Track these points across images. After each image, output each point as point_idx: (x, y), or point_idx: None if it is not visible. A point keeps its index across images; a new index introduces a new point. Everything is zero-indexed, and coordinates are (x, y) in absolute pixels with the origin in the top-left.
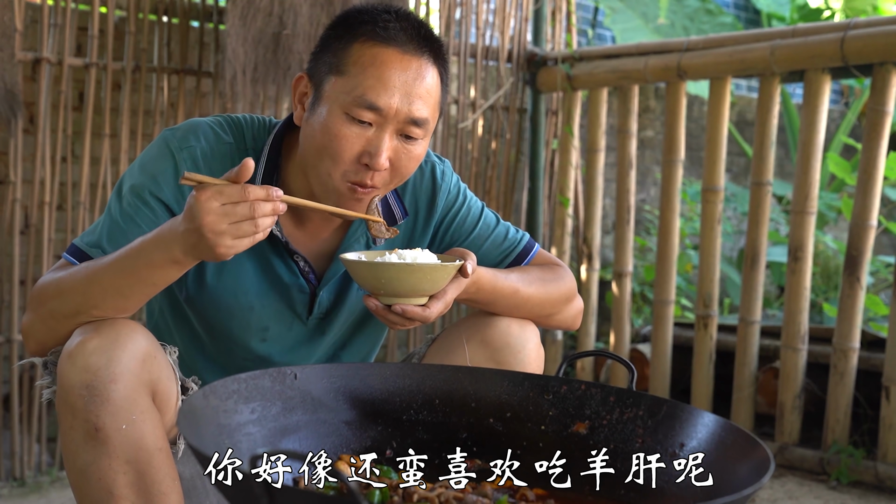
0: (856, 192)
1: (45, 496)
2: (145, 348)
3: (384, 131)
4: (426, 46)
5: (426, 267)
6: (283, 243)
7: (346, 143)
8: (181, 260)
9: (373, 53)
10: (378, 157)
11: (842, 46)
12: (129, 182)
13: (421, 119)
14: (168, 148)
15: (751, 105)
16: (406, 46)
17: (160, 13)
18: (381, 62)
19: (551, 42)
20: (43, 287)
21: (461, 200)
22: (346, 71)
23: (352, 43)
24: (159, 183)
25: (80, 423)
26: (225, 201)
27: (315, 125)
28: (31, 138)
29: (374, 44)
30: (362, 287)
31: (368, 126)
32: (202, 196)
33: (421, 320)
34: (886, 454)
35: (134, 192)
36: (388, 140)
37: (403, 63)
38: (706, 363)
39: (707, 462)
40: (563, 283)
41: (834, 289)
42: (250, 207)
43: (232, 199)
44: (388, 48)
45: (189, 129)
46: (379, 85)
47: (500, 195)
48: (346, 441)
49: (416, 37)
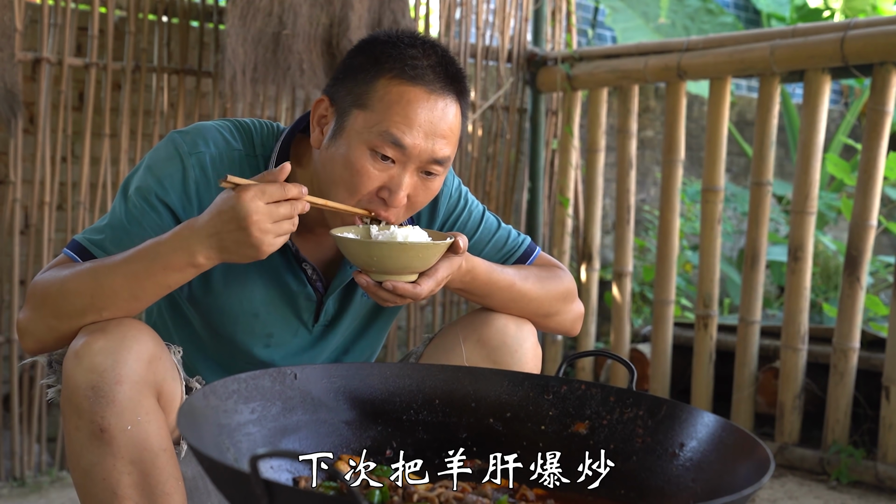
0: (856, 192)
1: (45, 496)
2: (151, 349)
3: (406, 169)
4: (451, 85)
5: (417, 245)
6: (292, 251)
7: (367, 179)
8: (203, 263)
9: (399, 91)
10: (397, 194)
11: (842, 46)
12: (136, 183)
13: (443, 158)
14: (177, 152)
15: (751, 105)
16: (432, 86)
17: (160, 13)
18: (407, 101)
19: (551, 42)
20: (45, 285)
21: (462, 204)
22: (371, 106)
23: (378, 78)
24: (166, 187)
25: (85, 423)
26: (268, 200)
27: (336, 156)
28: (31, 138)
29: (401, 82)
30: (354, 264)
31: (391, 163)
32: (246, 196)
33: (412, 297)
34: (886, 454)
35: (140, 194)
36: (408, 178)
37: (430, 103)
38: (706, 363)
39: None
40: (561, 282)
41: (834, 289)
42: (291, 206)
43: (274, 198)
44: (415, 87)
45: (198, 133)
46: (404, 123)
47: (500, 195)
48: (346, 441)
49: (443, 75)
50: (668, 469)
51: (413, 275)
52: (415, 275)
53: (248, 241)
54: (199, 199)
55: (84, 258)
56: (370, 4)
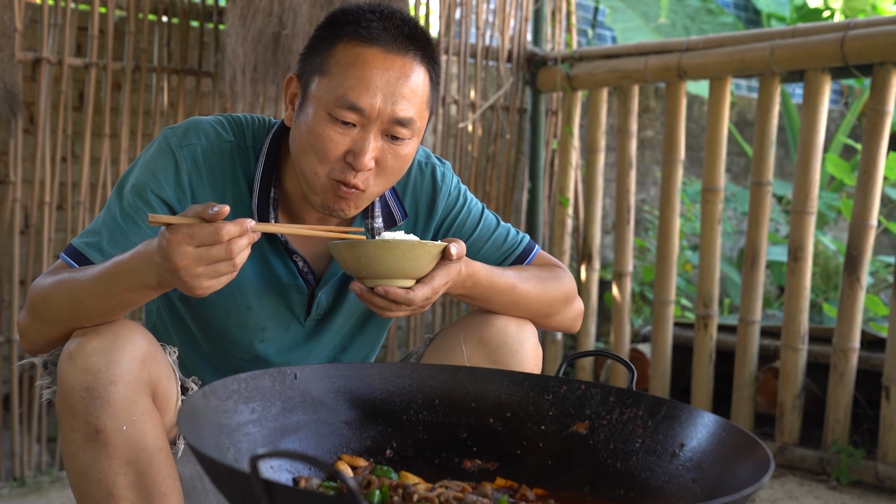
0: (856, 192)
1: (45, 496)
2: (145, 349)
3: (368, 132)
4: (411, 45)
5: (403, 244)
6: (282, 242)
7: (331, 144)
8: (157, 287)
9: (355, 53)
10: (362, 156)
11: (842, 46)
12: (130, 181)
13: (406, 119)
14: (168, 146)
15: (751, 105)
16: (389, 46)
17: (160, 13)
18: (362, 62)
19: (551, 42)
20: (35, 292)
21: (461, 202)
22: (329, 71)
23: (335, 44)
24: (160, 181)
25: (80, 424)
26: (199, 244)
27: (302, 126)
28: (31, 138)
29: (357, 44)
30: (346, 271)
31: (352, 127)
32: (174, 239)
33: (405, 303)
34: (886, 454)
35: (135, 192)
36: (372, 140)
37: (386, 63)
38: (706, 363)
39: (707, 462)
40: (562, 282)
41: (834, 289)
42: (226, 248)
43: (206, 242)
44: (371, 48)
45: (189, 126)
46: (360, 85)
47: (500, 195)
48: (346, 441)
49: (399, 35)
50: (668, 469)
51: (407, 280)
52: (409, 281)
53: (181, 284)
54: (192, 190)
55: (80, 263)
56: None
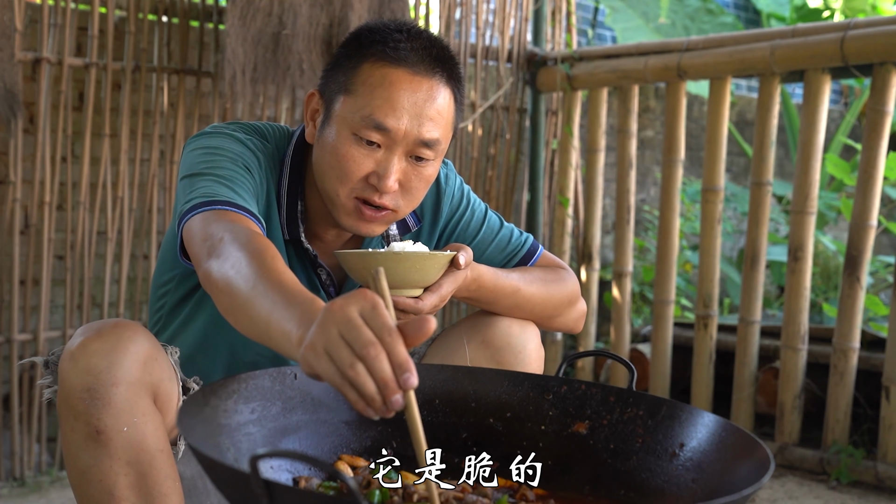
0: (856, 192)
1: (45, 496)
2: (147, 350)
3: (393, 153)
4: (438, 66)
5: (414, 255)
6: (312, 256)
7: (354, 164)
8: None
9: (382, 74)
10: (386, 179)
11: (842, 46)
12: (205, 140)
13: (431, 140)
14: (233, 136)
15: (751, 105)
16: (416, 67)
17: (160, 13)
18: (389, 83)
19: (551, 42)
20: (219, 271)
21: (465, 204)
22: (354, 91)
23: (361, 63)
24: (243, 154)
25: (81, 425)
26: (357, 357)
27: (325, 145)
28: (31, 138)
29: (384, 64)
30: (355, 279)
31: (377, 147)
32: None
33: (414, 312)
34: (886, 454)
35: (218, 130)
36: (397, 162)
37: (413, 84)
38: (706, 363)
39: (707, 462)
40: (566, 284)
41: (834, 289)
42: (376, 356)
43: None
44: (398, 69)
45: (235, 125)
46: (387, 106)
47: (500, 195)
48: (346, 441)
49: (427, 57)
50: (668, 469)
51: (415, 290)
52: (418, 290)
53: (303, 361)
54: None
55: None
56: (370, 4)
